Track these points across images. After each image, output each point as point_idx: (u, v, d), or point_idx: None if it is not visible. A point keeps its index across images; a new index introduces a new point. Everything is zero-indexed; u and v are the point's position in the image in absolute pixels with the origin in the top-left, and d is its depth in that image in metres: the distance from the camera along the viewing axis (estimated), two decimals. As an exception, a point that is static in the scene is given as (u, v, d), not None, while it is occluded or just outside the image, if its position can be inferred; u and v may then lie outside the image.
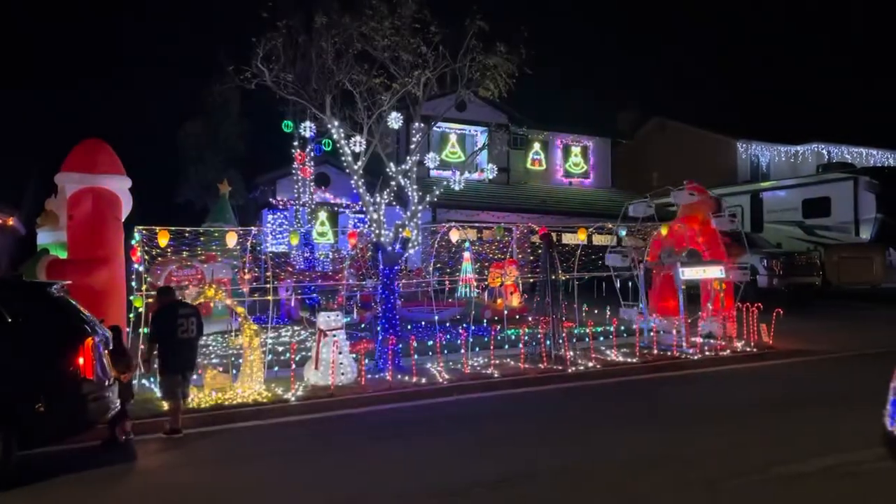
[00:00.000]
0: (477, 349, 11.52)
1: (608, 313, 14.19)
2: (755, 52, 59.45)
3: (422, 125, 11.58)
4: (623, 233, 15.40)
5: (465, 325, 12.61)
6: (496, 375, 10.20)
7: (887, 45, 60.59)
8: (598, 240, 20.21)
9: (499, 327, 13.29)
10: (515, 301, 16.51)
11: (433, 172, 24.68)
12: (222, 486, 6.06)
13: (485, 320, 15.41)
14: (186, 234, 13.15)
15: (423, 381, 9.82)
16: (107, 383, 6.77)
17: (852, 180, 20.82)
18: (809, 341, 13.04)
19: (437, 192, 11.56)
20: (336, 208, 25.29)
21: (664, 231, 14.29)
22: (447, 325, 14.75)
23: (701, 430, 7.45)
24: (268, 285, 11.73)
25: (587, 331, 11.96)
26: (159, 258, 13.69)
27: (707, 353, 11.87)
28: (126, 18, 50.32)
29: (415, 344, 11.06)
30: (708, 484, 5.66)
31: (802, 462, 6.14)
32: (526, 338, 11.15)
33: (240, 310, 9.68)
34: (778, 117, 37.96)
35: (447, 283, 17.23)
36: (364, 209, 11.29)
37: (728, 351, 12.05)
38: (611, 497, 5.50)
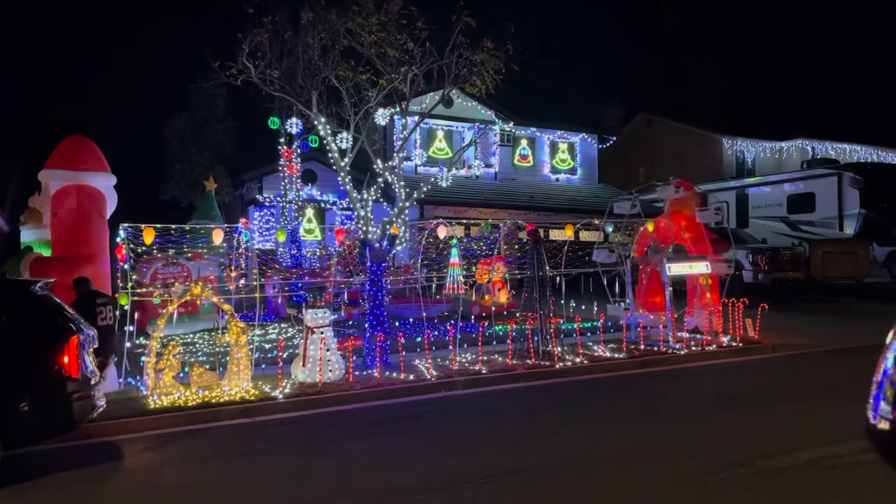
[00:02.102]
0: (465, 345, 11.54)
1: (595, 309, 14.25)
2: (741, 48, 59.83)
3: (409, 120, 11.57)
4: (610, 229, 15.49)
5: (452, 322, 12.61)
6: (484, 371, 10.22)
7: (871, 42, 61.16)
8: (585, 236, 20.29)
9: (486, 323, 13.31)
10: (503, 297, 16.57)
11: (421, 169, 24.68)
12: (208, 485, 6.03)
13: (472, 316, 15.46)
14: (172, 232, 13.07)
15: (411, 377, 9.83)
16: (92, 382, 6.72)
17: (836, 176, 21.05)
18: (794, 336, 13.18)
19: (425, 189, 11.55)
20: (323, 205, 25.21)
21: (650, 227, 14.37)
22: (435, 321, 14.78)
23: (687, 424, 7.50)
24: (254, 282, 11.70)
25: (575, 326, 12.02)
26: (145, 256, 13.61)
27: (693, 348, 11.95)
28: (112, 14, 49.87)
29: (403, 340, 11.05)
30: (695, 477, 5.70)
31: (788, 455, 6.20)
32: (514, 334, 11.18)
33: (226, 307, 9.63)
34: (763, 113, 38.27)
35: (435, 279, 17.26)
36: (351, 206, 11.27)
37: (714, 346, 12.14)
38: (597, 492, 5.53)
